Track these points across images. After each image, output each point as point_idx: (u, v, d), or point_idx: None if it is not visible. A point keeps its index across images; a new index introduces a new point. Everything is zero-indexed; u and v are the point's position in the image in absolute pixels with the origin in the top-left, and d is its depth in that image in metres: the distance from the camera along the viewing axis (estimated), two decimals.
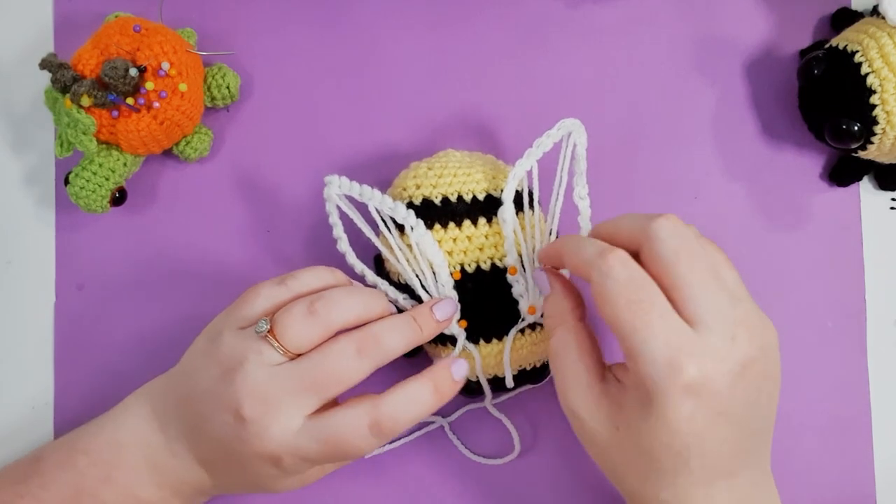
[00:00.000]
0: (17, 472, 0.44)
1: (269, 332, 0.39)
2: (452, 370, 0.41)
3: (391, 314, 0.42)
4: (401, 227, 0.43)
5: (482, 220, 0.44)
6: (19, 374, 0.50)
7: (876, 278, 0.49)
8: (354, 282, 0.44)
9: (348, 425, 0.39)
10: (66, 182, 0.46)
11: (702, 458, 0.35)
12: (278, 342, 0.39)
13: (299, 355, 0.39)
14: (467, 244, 0.43)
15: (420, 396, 0.40)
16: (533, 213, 0.44)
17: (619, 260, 0.36)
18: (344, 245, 0.44)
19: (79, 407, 0.49)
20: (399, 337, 0.40)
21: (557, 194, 0.44)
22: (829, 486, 0.48)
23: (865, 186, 0.50)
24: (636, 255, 0.37)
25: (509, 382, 0.44)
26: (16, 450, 0.49)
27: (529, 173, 0.43)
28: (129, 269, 0.50)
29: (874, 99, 0.43)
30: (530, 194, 0.44)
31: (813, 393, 0.48)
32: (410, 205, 0.44)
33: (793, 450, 0.48)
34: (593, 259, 0.36)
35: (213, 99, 0.49)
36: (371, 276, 0.44)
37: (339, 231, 0.44)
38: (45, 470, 0.43)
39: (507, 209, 0.42)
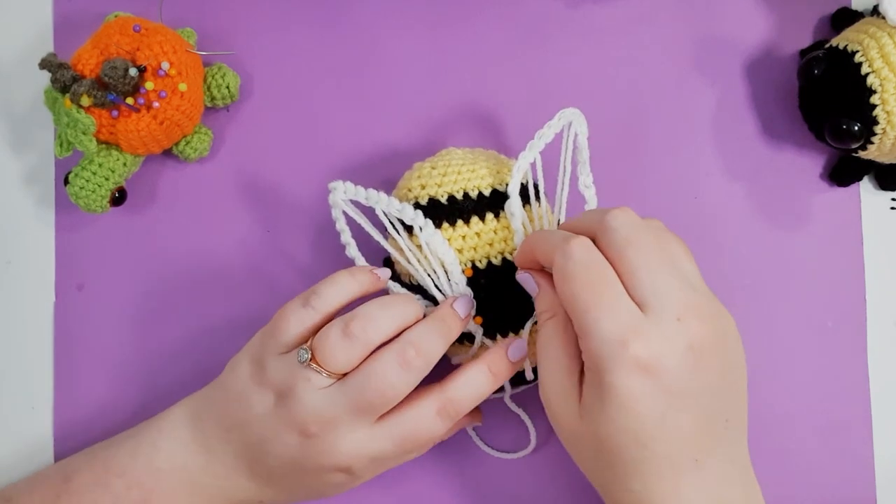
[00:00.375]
0: (46, 491, 0.44)
1: (311, 359, 0.39)
2: (509, 352, 0.42)
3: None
4: (409, 229, 0.43)
5: (490, 216, 0.44)
6: (19, 374, 0.50)
7: (876, 278, 0.49)
8: (377, 269, 0.43)
9: (419, 418, 0.41)
10: (66, 182, 0.46)
11: (664, 444, 0.36)
12: (322, 368, 0.39)
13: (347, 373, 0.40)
14: (477, 240, 0.43)
15: (478, 379, 0.42)
16: (539, 205, 0.44)
17: (582, 244, 0.37)
18: (353, 250, 0.44)
19: (78, 407, 0.49)
20: (437, 340, 0.41)
21: (562, 184, 0.44)
22: (829, 486, 0.48)
23: (866, 186, 0.50)
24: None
25: (529, 375, 0.44)
26: (15, 450, 0.49)
27: (533, 165, 0.43)
28: (129, 269, 0.50)
29: (874, 99, 0.43)
30: (535, 186, 0.44)
31: (813, 393, 0.48)
32: (417, 205, 0.44)
33: (793, 450, 0.48)
34: (558, 244, 0.38)
35: (212, 99, 0.49)
36: None
37: (346, 237, 0.44)
38: (77, 490, 0.43)
39: (514, 202, 0.42)
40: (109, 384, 0.49)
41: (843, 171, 0.49)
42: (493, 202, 0.44)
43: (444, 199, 0.43)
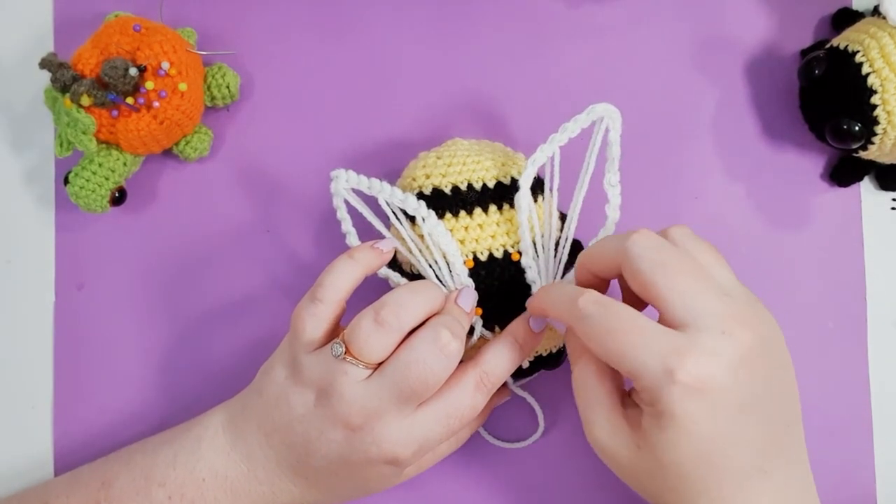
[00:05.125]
0: (85, 496, 0.43)
1: (345, 352, 0.39)
2: (531, 323, 0.43)
3: None
4: (412, 218, 0.43)
5: (493, 208, 0.43)
6: (19, 374, 0.50)
7: (877, 279, 0.49)
8: (379, 241, 0.43)
9: (460, 395, 0.41)
10: (66, 182, 0.46)
11: (728, 459, 0.35)
12: (358, 360, 0.39)
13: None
14: (479, 232, 0.43)
15: (507, 350, 0.42)
16: (545, 199, 0.44)
17: (590, 300, 0.37)
18: (353, 239, 0.44)
19: (78, 407, 0.49)
20: (462, 327, 0.41)
21: (583, 182, 0.44)
22: (829, 486, 0.48)
23: (866, 186, 0.50)
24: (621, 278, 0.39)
25: (524, 363, 0.44)
26: (15, 450, 0.49)
27: (550, 160, 0.43)
28: (129, 269, 0.50)
29: (875, 99, 0.43)
30: (544, 181, 0.44)
31: (813, 393, 0.48)
32: (420, 195, 0.44)
33: None
34: (568, 308, 0.38)
35: (213, 98, 0.49)
36: (384, 268, 0.44)
37: (347, 226, 0.44)
38: (118, 497, 0.43)
39: (524, 195, 0.42)
40: (109, 384, 0.49)
41: (844, 172, 0.49)
42: (498, 194, 0.44)
43: (448, 190, 0.43)
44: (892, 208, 0.50)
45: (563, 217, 0.45)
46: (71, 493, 0.44)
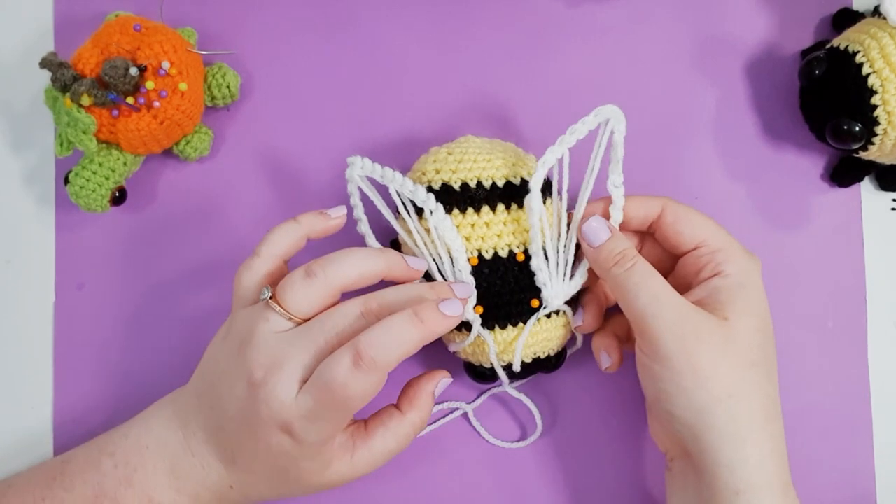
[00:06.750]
0: (44, 474, 0.44)
1: (271, 297, 0.40)
2: (441, 305, 0.39)
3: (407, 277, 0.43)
4: (420, 211, 0.43)
5: (501, 207, 0.43)
6: (19, 373, 0.50)
7: (876, 279, 0.49)
8: (331, 210, 0.44)
9: (333, 369, 0.37)
10: (66, 181, 0.46)
11: (773, 352, 0.42)
12: (281, 307, 0.40)
13: (307, 321, 0.40)
14: (485, 230, 0.43)
15: (399, 325, 0.38)
16: (554, 201, 0.44)
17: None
18: (364, 227, 0.44)
19: (78, 407, 0.49)
20: (406, 302, 0.40)
21: (588, 182, 0.44)
22: (829, 486, 0.48)
23: (866, 187, 0.50)
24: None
25: (516, 366, 0.44)
26: (14, 450, 0.49)
27: (559, 161, 0.43)
28: (129, 269, 0.50)
29: (875, 99, 0.43)
30: (559, 183, 0.44)
31: (813, 393, 0.49)
32: (430, 189, 0.44)
33: (793, 450, 0.48)
34: (667, 199, 0.44)
35: (213, 98, 0.49)
36: None
37: (359, 212, 0.44)
38: (71, 471, 0.43)
39: (535, 197, 0.42)
40: (109, 383, 0.49)
41: (844, 172, 0.49)
42: (506, 194, 0.44)
43: (457, 186, 0.43)
44: (893, 208, 0.50)
45: (569, 217, 0.45)
46: (33, 472, 0.45)
